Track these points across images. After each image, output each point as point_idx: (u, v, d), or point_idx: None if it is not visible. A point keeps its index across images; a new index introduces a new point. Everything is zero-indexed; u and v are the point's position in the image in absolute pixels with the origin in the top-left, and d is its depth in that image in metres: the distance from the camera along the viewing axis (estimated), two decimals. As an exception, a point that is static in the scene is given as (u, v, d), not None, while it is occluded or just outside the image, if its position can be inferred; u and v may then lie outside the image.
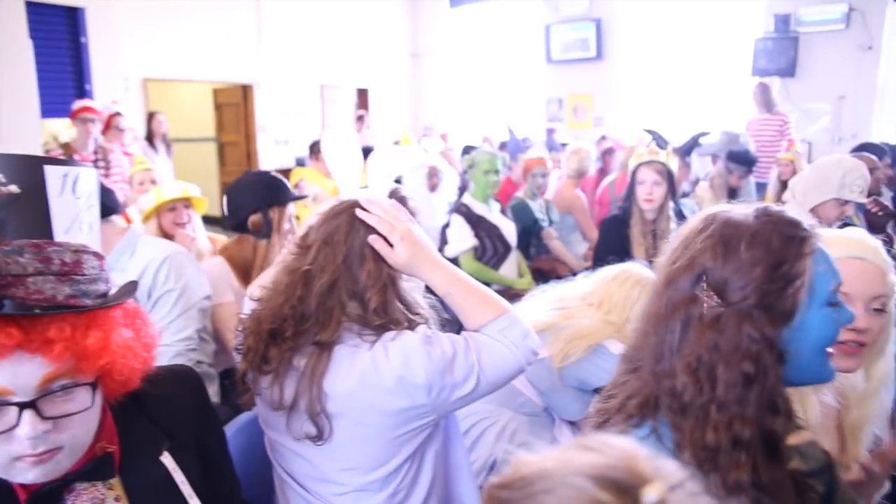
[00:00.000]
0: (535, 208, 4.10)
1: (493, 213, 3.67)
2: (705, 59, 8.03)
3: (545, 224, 4.13)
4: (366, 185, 2.37)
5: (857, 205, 3.02)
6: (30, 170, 0.87)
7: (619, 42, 8.45)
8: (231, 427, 1.51)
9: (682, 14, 8.04)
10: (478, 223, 3.60)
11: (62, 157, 1.92)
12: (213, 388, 2.19)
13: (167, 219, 2.75)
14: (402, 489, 1.27)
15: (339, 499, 1.26)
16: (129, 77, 6.82)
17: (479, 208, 3.64)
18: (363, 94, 9.92)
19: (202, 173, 8.83)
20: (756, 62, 7.20)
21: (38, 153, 4.05)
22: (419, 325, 1.25)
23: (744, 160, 3.92)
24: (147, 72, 7.08)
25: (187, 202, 2.81)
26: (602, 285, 1.97)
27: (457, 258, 3.52)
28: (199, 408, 1.13)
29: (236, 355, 1.30)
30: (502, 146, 5.96)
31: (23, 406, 0.83)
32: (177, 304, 2.01)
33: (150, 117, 6.21)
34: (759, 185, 4.77)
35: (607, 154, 5.38)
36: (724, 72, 7.81)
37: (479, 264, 3.54)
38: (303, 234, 1.29)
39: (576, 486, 0.51)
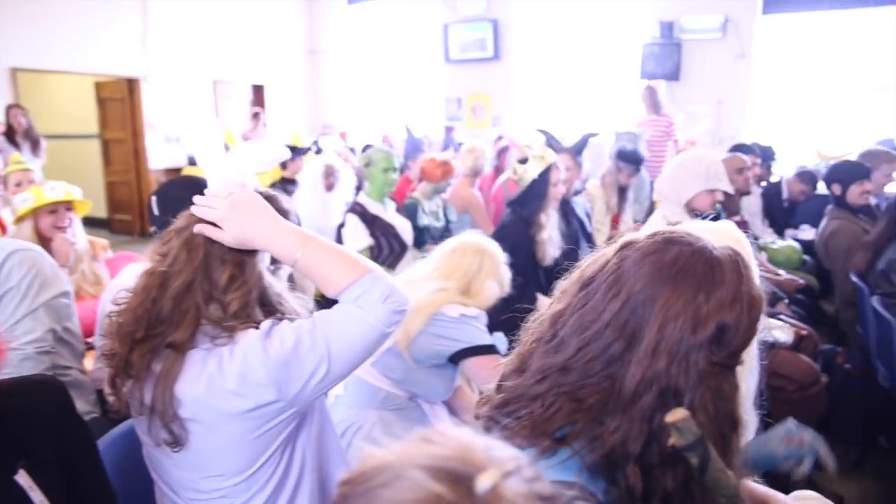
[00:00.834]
0: (428, 209, 4.11)
1: (388, 211, 3.64)
2: (598, 61, 8.33)
3: (438, 225, 4.14)
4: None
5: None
6: None
7: (516, 43, 8.63)
8: (105, 439, 1.42)
9: (575, 18, 8.31)
10: (373, 222, 3.56)
11: None
12: (89, 398, 2.04)
13: (46, 221, 2.58)
14: (272, 483, 1.24)
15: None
16: (-6, 66, 6.30)
17: (374, 207, 3.61)
18: (259, 90, 9.63)
19: (84, 172, 8.31)
20: (644, 66, 7.54)
21: None
22: (268, 319, 1.20)
23: (632, 159, 4.08)
24: (15, 61, 6.55)
25: (69, 205, 2.63)
26: (443, 259, 2.04)
27: (352, 258, 3.46)
28: (61, 420, 1.06)
29: (103, 360, 1.23)
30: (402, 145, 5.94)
31: None
32: (21, 303, 1.85)
33: (8, 111, 5.72)
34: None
35: (503, 153, 5.47)
36: (616, 74, 8.13)
37: (374, 264, 3.50)
38: (164, 235, 1.24)
39: (412, 479, 0.52)
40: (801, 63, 7.41)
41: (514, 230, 3.05)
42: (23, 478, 0.95)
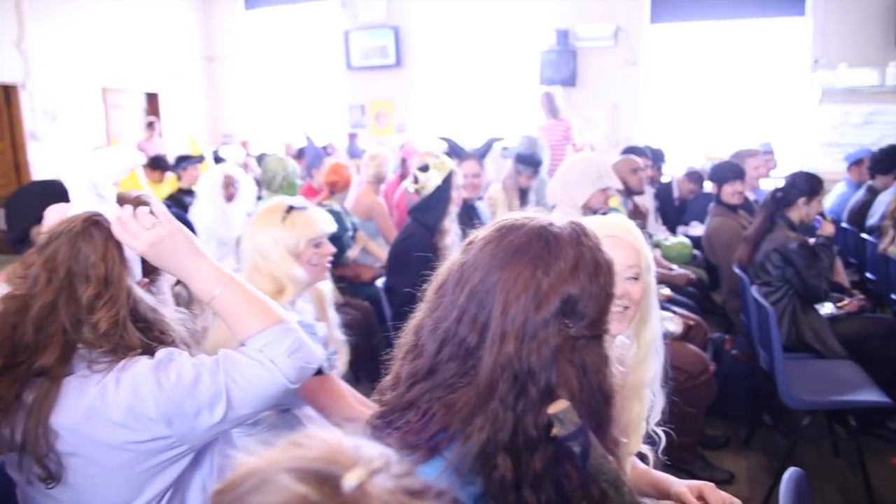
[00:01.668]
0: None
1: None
2: (499, 68, 8.50)
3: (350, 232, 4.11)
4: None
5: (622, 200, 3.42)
6: None
7: (418, 50, 8.68)
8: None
9: (476, 26, 8.45)
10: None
11: None
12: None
13: None
14: None
15: None
16: None
17: (275, 217, 3.52)
18: (153, 98, 9.22)
19: (-44, 187, 7.67)
20: (543, 72, 7.76)
21: None
22: (160, 349, 1.14)
23: (531, 161, 4.19)
24: None
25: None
26: (244, 265, 2.07)
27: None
28: None
29: None
30: (300, 153, 5.84)
31: None
32: None
33: None
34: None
35: (407, 159, 5.48)
36: (516, 81, 8.32)
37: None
38: (26, 257, 1.16)
39: (278, 482, 0.52)
40: (688, 69, 7.84)
41: (417, 239, 3.06)
42: None
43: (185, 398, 1.08)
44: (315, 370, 1.25)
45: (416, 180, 3.21)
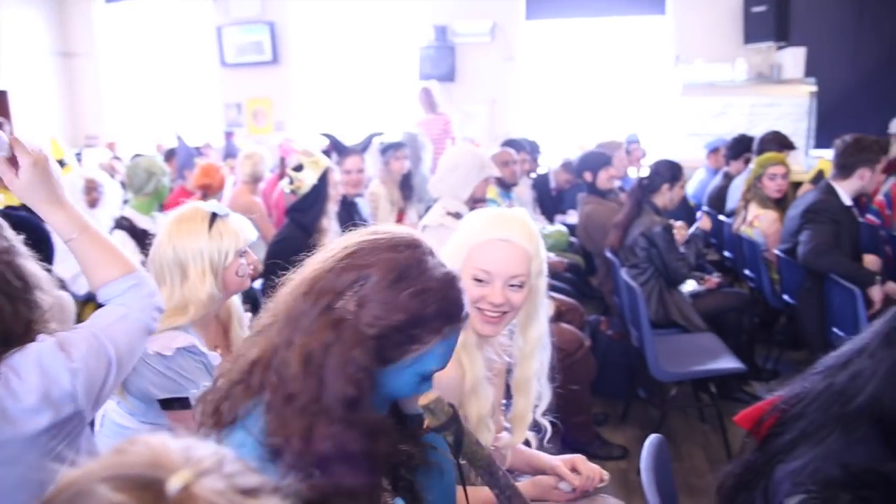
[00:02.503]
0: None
1: (158, 225, 3.40)
2: (378, 64, 8.47)
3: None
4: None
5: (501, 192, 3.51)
6: None
7: (295, 46, 8.49)
8: None
9: (354, 21, 8.36)
10: (143, 236, 3.30)
11: None
12: None
13: None
14: None
15: None
16: None
17: (142, 221, 3.37)
18: (0, 97, 8.45)
19: None
20: (422, 68, 7.80)
21: None
22: (41, 335, 1.15)
23: (393, 145, 4.22)
24: None
25: None
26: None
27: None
28: None
29: None
30: (171, 154, 5.57)
31: None
32: None
33: None
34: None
35: (286, 158, 5.35)
36: (395, 76, 8.33)
37: (139, 265, 3.26)
38: None
39: (95, 494, 0.50)
40: (562, 64, 8.14)
41: (292, 240, 3.00)
42: None
43: (89, 366, 1.13)
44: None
45: (291, 180, 3.15)
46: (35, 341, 1.12)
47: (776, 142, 4.43)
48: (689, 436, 3.27)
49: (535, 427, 1.68)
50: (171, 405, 1.68)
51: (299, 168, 3.11)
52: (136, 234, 3.30)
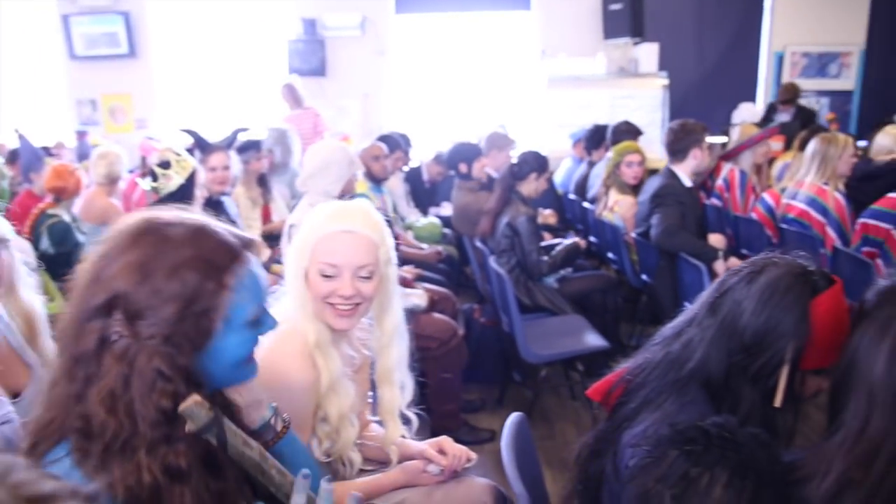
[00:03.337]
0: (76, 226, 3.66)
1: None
2: (245, 58, 8.17)
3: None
4: None
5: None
6: None
7: (154, 39, 8.02)
8: None
9: (217, 13, 8.01)
10: (-22, 245, 3.01)
11: None
12: None
13: None
14: None
15: None
16: None
17: (-23, 228, 3.05)
18: None
19: None
20: (291, 62, 7.62)
21: None
22: None
23: (250, 146, 4.13)
24: None
25: None
26: None
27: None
28: None
29: None
30: (13, 155, 5.10)
31: None
32: None
33: None
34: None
35: (147, 157, 5.06)
36: (264, 71, 8.07)
37: None
38: None
39: None
40: (434, 58, 8.22)
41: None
42: None
43: None
44: None
45: (155, 178, 2.98)
46: None
47: (629, 131, 4.72)
48: (561, 414, 3.41)
49: (404, 420, 1.70)
50: None
51: (166, 165, 2.96)
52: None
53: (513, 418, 1.58)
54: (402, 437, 1.70)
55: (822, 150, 3.66)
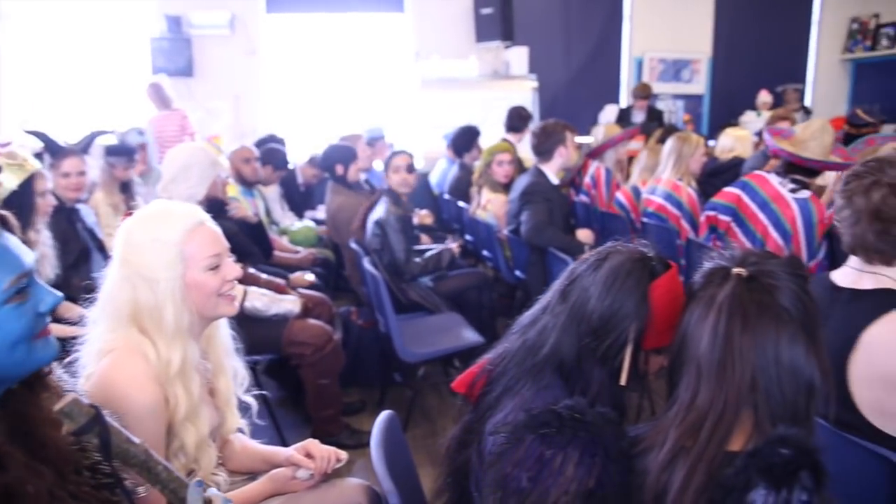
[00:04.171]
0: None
1: None
2: (104, 56, 7.65)
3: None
4: None
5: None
6: None
7: (2, 32, 7.35)
8: None
9: (71, 7, 7.45)
10: None
11: None
12: None
13: None
14: None
15: None
16: None
17: None
18: None
19: None
20: (155, 62, 7.23)
21: None
22: None
23: (122, 152, 3.91)
24: None
25: None
26: None
27: None
28: None
29: None
30: None
31: None
32: None
33: None
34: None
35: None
36: (125, 70, 7.60)
37: None
38: None
39: None
40: (307, 59, 8.06)
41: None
42: None
43: None
44: None
45: (-13, 185, 2.72)
46: None
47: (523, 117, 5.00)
48: (442, 410, 3.46)
49: (243, 406, 1.68)
50: None
51: (-3, 170, 2.70)
52: None
53: (382, 417, 1.59)
54: (245, 433, 1.69)
55: (678, 149, 3.94)
